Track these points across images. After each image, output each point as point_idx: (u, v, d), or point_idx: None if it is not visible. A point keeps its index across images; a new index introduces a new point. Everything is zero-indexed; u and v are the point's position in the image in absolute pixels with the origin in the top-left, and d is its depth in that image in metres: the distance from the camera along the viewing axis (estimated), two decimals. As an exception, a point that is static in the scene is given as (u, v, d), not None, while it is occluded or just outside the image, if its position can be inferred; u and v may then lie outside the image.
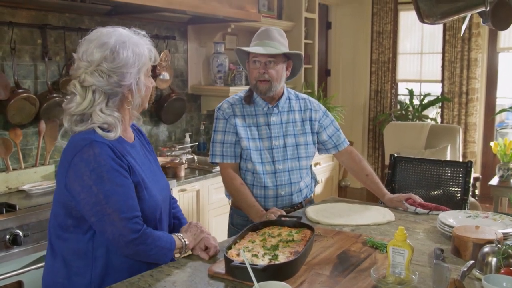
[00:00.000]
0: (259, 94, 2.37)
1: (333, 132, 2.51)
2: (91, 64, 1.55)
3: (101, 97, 1.57)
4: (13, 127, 2.94)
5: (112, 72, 1.55)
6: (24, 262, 2.41)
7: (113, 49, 1.55)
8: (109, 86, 1.56)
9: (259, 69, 2.30)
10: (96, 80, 1.55)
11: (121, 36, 1.59)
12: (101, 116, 1.56)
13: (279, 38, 2.34)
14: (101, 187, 1.50)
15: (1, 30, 2.94)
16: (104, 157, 1.52)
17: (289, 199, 2.41)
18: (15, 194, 2.81)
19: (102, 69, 1.55)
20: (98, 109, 1.57)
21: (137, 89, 1.62)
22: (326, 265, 1.66)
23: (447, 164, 2.86)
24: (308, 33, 5.35)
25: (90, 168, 1.50)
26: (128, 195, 1.55)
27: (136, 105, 1.65)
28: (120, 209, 1.51)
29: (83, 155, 1.51)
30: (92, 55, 1.55)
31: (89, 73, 1.55)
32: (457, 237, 1.75)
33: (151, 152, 1.84)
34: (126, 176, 1.56)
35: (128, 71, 1.57)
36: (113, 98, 1.59)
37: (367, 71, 6.38)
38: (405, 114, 6.00)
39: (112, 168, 1.53)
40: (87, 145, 1.52)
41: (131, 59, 1.58)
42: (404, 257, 1.51)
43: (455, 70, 5.78)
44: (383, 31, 6.19)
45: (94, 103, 1.57)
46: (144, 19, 3.74)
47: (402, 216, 2.28)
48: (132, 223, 1.53)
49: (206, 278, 1.57)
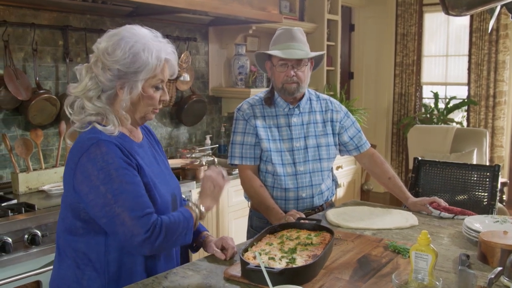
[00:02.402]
0: (286, 96, 2.32)
1: (354, 133, 2.45)
2: (97, 52, 1.54)
3: (95, 86, 1.54)
4: (34, 128, 2.96)
5: (108, 66, 1.52)
6: (42, 262, 2.41)
7: (116, 43, 1.52)
8: (102, 78, 1.53)
9: (286, 72, 2.25)
10: (96, 69, 1.53)
11: (132, 34, 1.55)
12: (89, 105, 1.53)
13: (302, 38, 2.31)
14: (109, 187, 1.45)
15: (23, 32, 2.97)
16: (112, 156, 1.48)
17: (310, 202, 2.35)
18: (35, 194, 2.82)
19: (102, 59, 1.52)
20: (89, 97, 1.53)
21: (128, 91, 1.54)
22: (346, 269, 1.60)
23: (473, 168, 2.77)
24: (331, 35, 5.30)
25: (98, 168, 1.46)
26: (138, 192, 1.49)
27: (122, 106, 1.56)
28: (129, 208, 1.45)
29: (90, 155, 1.47)
30: (100, 44, 1.55)
31: (94, 61, 1.54)
32: (484, 243, 1.68)
33: (160, 152, 1.80)
34: (135, 174, 1.52)
35: (121, 69, 1.52)
36: (107, 92, 1.55)
37: (391, 74, 6.29)
38: (429, 118, 5.88)
39: (120, 166, 1.48)
40: (94, 144, 1.48)
41: (127, 60, 1.51)
42: (427, 263, 1.45)
43: (482, 73, 5.64)
44: (408, 33, 6.10)
45: (87, 89, 1.53)
46: (165, 21, 3.74)
47: (426, 220, 2.21)
48: (143, 221, 1.45)
49: (222, 281, 1.53)
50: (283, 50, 2.25)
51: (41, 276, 2.39)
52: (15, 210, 2.43)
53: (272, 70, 2.32)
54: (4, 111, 2.93)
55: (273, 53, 2.25)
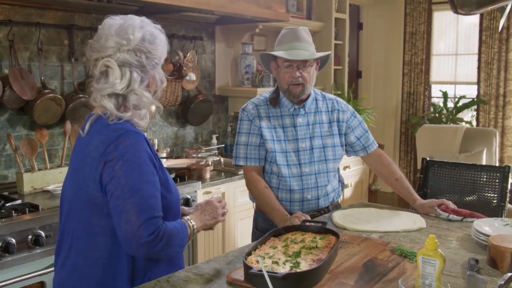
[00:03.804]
0: (291, 98, 2.29)
1: (361, 133, 2.41)
2: (129, 42, 1.50)
3: (138, 76, 1.52)
4: (39, 128, 2.95)
5: (151, 54, 1.53)
6: (46, 263, 2.39)
7: (150, 32, 1.54)
8: (148, 66, 1.53)
9: (292, 73, 2.22)
10: (134, 59, 1.51)
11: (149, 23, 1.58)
12: (134, 97, 1.52)
13: (307, 38, 2.27)
14: (129, 181, 1.43)
15: (28, 31, 2.96)
16: (139, 149, 1.47)
17: (316, 203, 2.32)
18: (40, 195, 2.81)
19: (141, 48, 1.51)
20: (135, 87, 1.52)
21: (160, 79, 1.60)
22: (351, 274, 1.57)
23: (483, 169, 2.73)
24: (338, 33, 5.26)
25: (125, 159, 1.44)
26: (152, 193, 1.47)
27: (157, 96, 1.60)
28: (140, 208, 1.43)
29: (118, 145, 1.45)
30: (133, 34, 1.51)
31: (126, 51, 1.50)
32: (494, 247, 1.64)
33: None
34: (154, 173, 1.50)
35: (162, 56, 1.57)
36: (144, 82, 1.55)
37: (399, 73, 6.23)
38: (438, 117, 5.82)
39: (144, 161, 1.47)
40: (123, 135, 1.47)
41: (165, 46, 1.58)
42: (435, 268, 1.41)
43: (491, 72, 5.57)
44: (416, 31, 6.03)
45: (132, 82, 1.51)
46: (171, 19, 3.72)
47: (434, 223, 2.17)
48: (149, 224, 1.43)
49: (224, 285, 1.51)
50: (288, 50, 2.21)
51: (45, 277, 2.39)
52: (19, 210, 2.42)
53: (277, 71, 2.28)
54: (9, 111, 2.92)
55: (278, 54, 2.22)
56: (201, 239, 3.26)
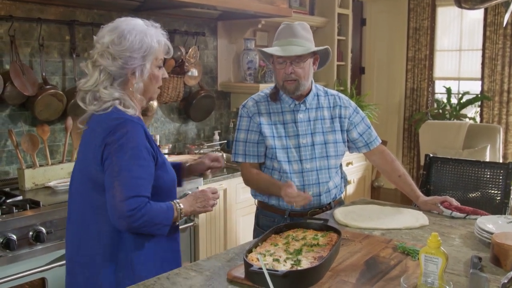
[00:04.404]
0: (287, 94, 2.28)
1: (364, 129, 2.39)
2: (102, 46, 1.68)
3: (107, 76, 1.69)
4: (41, 124, 2.94)
5: (117, 55, 1.67)
6: (47, 259, 2.39)
7: (120, 34, 1.68)
8: (114, 68, 1.68)
9: (285, 69, 2.20)
10: (104, 61, 1.67)
11: (132, 24, 1.71)
12: (106, 92, 1.68)
13: (303, 33, 2.23)
14: (119, 161, 1.60)
15: (29, 27, 2.94)
16: (134, 135, 1.63)
17: (317, 200, 2.30)
18: (41, 191, 2.80)
19: (110, 51, 1.67)
20: (103, 87, 1.68)
21: (140, 74, 1.72)
22: (353, 271, 1.55)
23: (486, 166, 2.71)
24: (341, 29, 5.22)
25: (119, 143, 1.61)
26: (139, 175, 1.62)
27: (137, 89, 1.73)
28: (125, 186, 1.59)
29: (116, 132, 1.62)
30: (103, 38, 1.69)
31: (100, 55, 1.68)
32: (497, 245, 1.62)
33: None
34: (146, 158, 1.65)
35: (132, 55, 1.67)
36: (118, 80, 1.71)
37: (402, 69, 6.19)
38: (442, 113, 5.79)
39: (137, 147, 1.63)
40: (121, 123, 1.64)
41: (136, 46, 1.68)
42: (437, 266, 1.40)
43: (496, 68, 5.53)
44: (420, 27, 5.99)
45: (99, 81, 1.69)
46: (173, 15, 3.70)
47: (436, 220, 2.15)
48: (130, 202, 1.57)
49: (225, 283, 1.50)
50: (283, 46, 2.19)
51: (46, 273, 2.38)
52: (20, 206, 2.41)
53: (273, 67, 2.28)
54: (11, 107, 2.91)
55: (268, 50, 2.22)
56: (203, 235, 3.25)
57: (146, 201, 1.62)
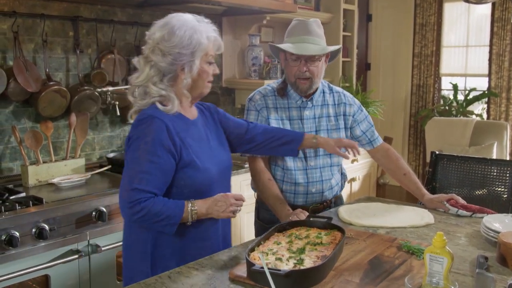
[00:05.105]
0: (298, 92, 2.26)
1: (367, 127, 2.38)
2: (153, 42, 1.73)
3: (157, 72, 1.73)
4: (44, 120, 2.93)
5: (167, 51, 1.70)
6: (50, 256, 2.38)
7: (170, 30, 1.70)
8: (164, 64, 1.72)
9: (299, 67, 2.18)
10: (155, 57, 1.72)
11: (182, 20, 1.73)
12: (155, 89, 1.73)
13: (318, 31, 2.21)
14: (131, 153, 1.68)
15: (33, 23, 2.93)
16: (151, 132, 1.67)
17: (319, 196, 2.31)
18: (45, 187, 2.79)
19: (160, 47, 1.71)
20: (152, 82, 1.73)
21: (189, 70, 1.74)
22: (356, 271, 1.53)
23: (493, 163, 2.68)
24: (347, 25, 5.18)
25: (134, 138, 1.69)
26: (147, 169, 1.64)
27: (186, 84, 1.76)
28: (131, 178, 1.64)
29: (138, 127, 1.70)
30: (154, 34, 1.73)
31: (151, 50, 1.73)
32: (504, 244, 1.60)
33: (214, 129, 1.95)
34: (162, 156, 1.66)
35: (181, 51, 1.70)
36: (168, 75, 1.74)
37: (408, 65, 6.15)
38: (448, 110, 5.75)
39: (150, 143, 1.66)
40: (145, 119, 1.70)
41: (185, 42, 1.70)
42: (442, 266, 1.37)
43: (503, 64, 5.48)
44: (427, 23, 5.94)
45: (150, 76, 1.73)
46: (177, 11, 3.66)
47: (442, 218, 2.13)
48: (131, 194, 1.62)
49: (227, 282, 1.48)
50: (297, 44, 2.17)
51: (49, 270, 2.38)
52: (23, 203, 2.40)
53: (285, 63, 2.25)
54: (14, 103, 2.90)
55: (285, 47, 2.18)
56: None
57: (149, 196, 1.63)
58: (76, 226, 2.46)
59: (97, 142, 3.34)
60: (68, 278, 2.46)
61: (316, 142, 2.12)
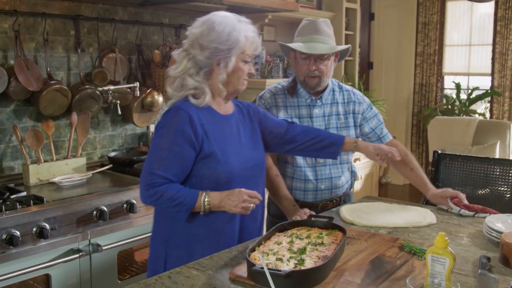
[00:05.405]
0: (308, 90, 2.29)
1: (376, 124, 2.40)
2: (193, 36, 1.80)
3: (194, 65, 1.80)
4: (45, 119, 2.92)
5: (205, 45, 1.77)
6: (51, 255, 2.38)
7: (210, 26, 1.77)
8: (201, 57, 1.78)
9: (309, 66, 2.21)
10: (193, 51, 1.79)
11: (222, 17, 1.80)
12: (190, 81, 1.80)
13: (327, 31, 2.26)
14: (155, 141, 1.78)
15: (34, 21, 2.92)
16: (175, 122, 1.75)
17: (329, 193, 2.34)
18: (46, 186, 2.79)
19: (199, 41, 1.77)
20: (189, 74, 1.81)
21: (224, 65, 1.79)
22: (358, 271, 1.52)
23: (496, 162, 2.67)
24: (349, 24, 5.17)
25: (158, 127, 1.80)
26: (166, 157, 1.73)
27: (220, 80, 1.81)
28: (149, 163, 1.75)
29: (164, 117, 1.80)
30: (195, 29, 1.80)
31: (190, 44, 1.80)
32: (506, 245, 1.58)
33: (249, 127, 1.98)
34: (182, 145, 1.73)
35: (218, 47, 1.76)
36: (204, 69, 1.81)
37: (411, 64, 6.14)
38: (451, 109, 5.73)
39: (172, 132, 1.75)
40: (172, 110, 1.79)
41: (223, 38, 1.76)
42: (444, 267, 1.36)
43: (506, 63, 5.46)
44: (429, 22, 5.93)
45: (187, 68, 1.81)
46: (179, 10, 3.67)
47: (444, 218, 2.11)
48: (148, 178, 1.72)
49: (227, 282, 1.47)
50: (306, 43, 2.21)
51: (50, 269, 2.37)
52: (24, 202, 2.39)
53: (295, 62, 2.28)
54: (15, 102, 2.90)
55: (295, 46, 2.21)
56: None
57: (164, 181, 1.72)
58: (77, 225, 2.46)
59: (98, 141, 3.33)
60: (69, 278, 2.45)
61: (356, 146, 2.12)
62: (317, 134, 2.12)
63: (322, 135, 2.12)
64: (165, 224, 1.86)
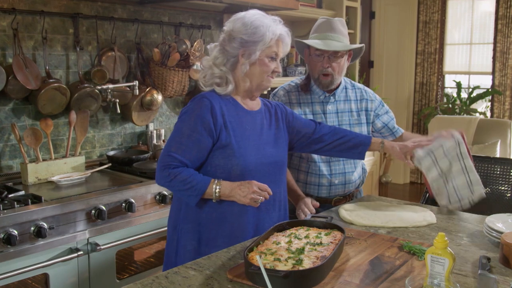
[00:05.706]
0: (320, 87, 2.34)
1: (388, 120, 2.47)
2: (227, 29, 1.90)
3: (222, 55, 1.90)
4: (44, 118, 2.91)
5: (234, 36, 1.86)
6: (49, 254, 2.37)
7: (241, 19, 1.87)
8: (229, 48, 1.88)
9: (322, 63, 2.27)
10: (224, 42, 1.90)
11: (254, 13, 1.88)
12: (217, 70, 1.90)
13: (342, 29, 2.31)
14: (178, 125, 1.86)
15: (33, 20, 2.91)
16: (196, 108, 1.84)
17: (342, 188, 2.39)
18: (44, 185, 2.78)
19: (230, 33, 1.88)
20: (217, 63, 1.90)
21: (247, 56, 1.86)
22: (356, 272, 1.51)
23: (497, 161, 2.66)
24: (350, 22, 5.14)
25: (184, 111, 1.88)
26: (184, 141, 1.81)
27: (243, 70, 1.88)
28: (170, 145, 1.84)
29: (190, 104, 1.89)
30: (230, 23, 1.90)
31: (223, 38, 1.91)
32: (507, 245, 1.57)
33: (274, 126, 2.02)
34: (200, 132, 1.81)
35: (244, 38, 1.84)
36: (231, 59, 1.89)
37: (412, 63, 6.12)
38: (452, 108, 5.72)
39: (192, 120, 1.82)
40: (197, 98, 1.88)
41: (250, 30, 1.84)
42: (444, 267, 1.35)
43: (507, 62, 5.45)
44: (430, 20, 5.91)
45: (215, 57, 1.91)
46: (178, 8, 3.66)
47: (444, 218, 2.10)
48: (166, 159, 1.80)
49: (225, 282, 1.46)
50: (321, 40, 2.26)
51: (48, 268, 2.36)
52: (22, 201, 2.38)
53: (309, 59, 2.34)
54: (14, 101, 2.88)
55: (310, 42, 2.28)
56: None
57: (178, 164, 1.80)
58: (75, 224, 2.45)
59: (97, 140, 3.32)
60: (67, 277, 2.44)
61: (383, 146, 2.14)
62: (344, 134, 2.14)
63: (349, 135, 2.14)
64: (179, 210, 1.93)
